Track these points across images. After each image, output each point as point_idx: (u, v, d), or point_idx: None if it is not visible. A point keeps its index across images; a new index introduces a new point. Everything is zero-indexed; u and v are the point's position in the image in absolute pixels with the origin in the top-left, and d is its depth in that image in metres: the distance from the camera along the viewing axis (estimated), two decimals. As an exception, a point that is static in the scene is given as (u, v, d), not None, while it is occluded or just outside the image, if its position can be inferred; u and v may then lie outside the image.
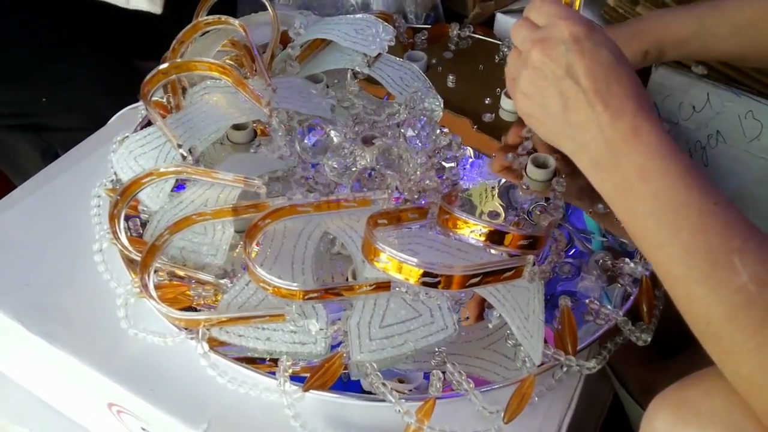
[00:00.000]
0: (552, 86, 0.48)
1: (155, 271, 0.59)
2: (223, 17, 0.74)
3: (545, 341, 0.56)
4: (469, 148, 0.77)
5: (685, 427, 0.41)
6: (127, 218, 0.64)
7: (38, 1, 0.92)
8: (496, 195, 0.74)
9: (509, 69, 0.55)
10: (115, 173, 0.69)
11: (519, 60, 0.52)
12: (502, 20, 0.97)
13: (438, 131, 0.73)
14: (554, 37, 0.48)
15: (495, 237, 0.56)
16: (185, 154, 0.66)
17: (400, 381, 0.56)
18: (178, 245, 0.61)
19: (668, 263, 0.42)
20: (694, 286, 0.40)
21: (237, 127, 0.73)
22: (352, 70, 0.78)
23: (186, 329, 0.56)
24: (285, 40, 0.83)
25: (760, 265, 0.39)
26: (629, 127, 0.45)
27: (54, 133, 0.92)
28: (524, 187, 0.73)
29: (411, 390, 0.56)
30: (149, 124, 0.71)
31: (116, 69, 0.96)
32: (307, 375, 0.54)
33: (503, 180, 0.74)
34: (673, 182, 0.42)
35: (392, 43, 0.78)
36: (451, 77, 0.87)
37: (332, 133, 0.68)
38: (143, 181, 0.64)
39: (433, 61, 0.90)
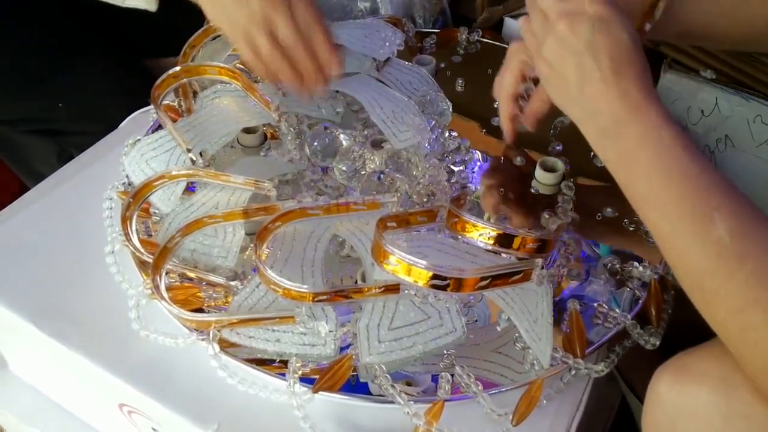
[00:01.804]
0: (573, 58, 0.52)
1: (166, 273, 0.60)
2: (234, 22, 0.75)
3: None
4: (477, 151, 0.78)
5: (682, 385, 0.46)
6: (138, 220, 0.65)
7: (46, 9, 0.93)
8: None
9: (534, 29, 0.57)
10: (127, 176, 0.69)
11: (545, 25, 0.55)
12: (511, 24, 0.97)
13: (447, 135, 0.73)
14: (581, 12, 0.52)
15: (504, 240, 0.56)
16: (194, 159, 0.67)
17: (408, 384, 0.57)
18: (190, 247, 0.61)
19: (660, 222, 0.47)
20: (680, 240, 0.46)
21: (247, 131, 0.73)
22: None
23: (197, 330, 0.57)
24: (295, 45, 0.83)
25: (736, 220, 0.44)
26: (634, 102, 0.50)
27: (70, 137, 0.92)
28: (532, 191, 0.73)
29: (419, 393, 0.56)
30: (161, 127, 0.71)
31: (127, 70, 0.97)
32: (317, 377, 0.54)
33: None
34: (666, 150, 0.48)
35: (401, 48, 0.78)
36: (459, 81, 0.87)
37: (341, 137, 0.68)
38: (155, 183, 0.64)
39: (442, 65, 0.90)
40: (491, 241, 0.56)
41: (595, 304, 0.61)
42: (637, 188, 0.49)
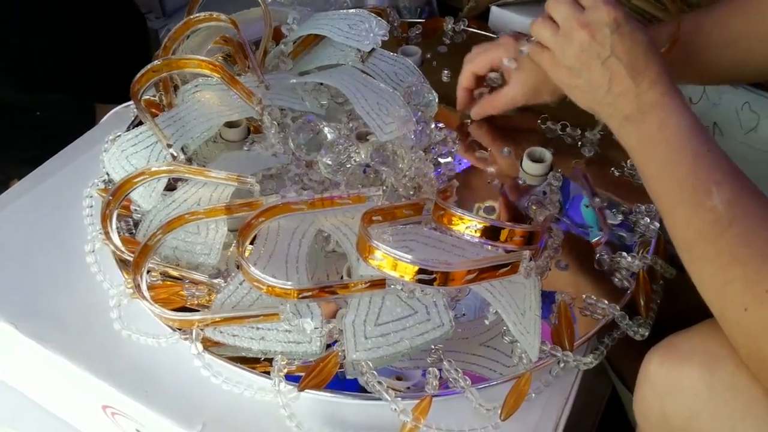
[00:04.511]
0: (599, 63, 0.57)
1: (148, 271, 0.58)
2: (214, 14, 0.73)
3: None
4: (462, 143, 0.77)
5: (670, 363, 0.49)
6: (119, 218, 0.64)
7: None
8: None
9: (548, 42, 0.61)
10: (107, 173, 0.68)
11: (559, 36, 0.60)
12: (497, 14, 0.96)
13: (433, 126, 0.72)
14: (599, 20, 0.57)
15: (490, 233, 0.55)
16: (175, 154, 0.66)
17: (398, 378, 0.56)
18: (171, 245, 0.60)
19: (666, 194, 0.53)
20: (681, 208, 0.51)
21: (230, 125, 0.72)
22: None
23: (180, 330, 0.56)
24: (278, 36, 0.82)
25: (732, 193, 0.49)
26: (659, 93, 0.55)
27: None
28: (520, 182, 0.72)
29: (409, 387, 0.55)
30: (141, 122, 0.70)
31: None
32: (303, 374, 0.53)
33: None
34: (681, 132, 0.53)
35: (386, 38, 0.77)
36: (445, 72, 0.86)
37: (326, 130, 0.67)
38: (135, 180, 0.63)
39: (428, 55, 0.89)
40: (478, 234, 0.55)
41: (584, 296, 0.61)
42: (652, 167, 0.55)
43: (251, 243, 0.59)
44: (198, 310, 0.58)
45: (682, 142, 0.53)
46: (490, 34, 0.91)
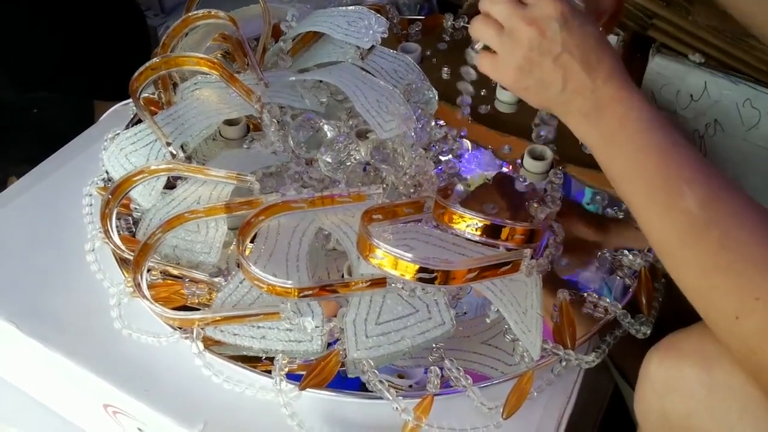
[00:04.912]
0: (550, 61, 0.54)
1: (148, 270, 0.58)
2: (213, 11, 0.73)
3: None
4: (465, 140, 0.77)
5: (669, 362, 0.49)
6: (119, 216, 0.63)
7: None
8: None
9: (492, 43, 0.58)
10: (107, 171, 0.68)
11: (504, 36, 0.56)
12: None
13: (433, 124, 0.72)
14: (546, 15, 0.54)
15: (491, 231, 0.55)
16: (174, 152, 0.65)
17: (400, 376, 0.56)
18: (171, 243, 0.60)
19: (635, 194, 0.50)
20: (653, 211, 0.49)
21: (230, 123, 0.72)
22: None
23: (180, 329, 0.55)
24: (277, 34, 0.82)
25: (705, 192, 0.46)
26: (616, 87, 0.52)
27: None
28: (521, 180, 0.72)
29: (411, 385, 0.55)
30: (140, 120, 0.70)
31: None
32: (304, 373, 0.53)
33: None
34: (644, 128, 0.50)
35: (385, 35, 0.77)
36: (445, 69, 0.86)
37: (326, 128, 0.67)
38: (134, 179, 0.63)
39: (428, 52, 0.89)
40: (479, 232, 0.55)
41: (585, 294, 0.61)
42: (616, 165, 0.52)
43: (251, 241, 0.59)
44: (198, 309, 0.58)
45: (646, 137, 0.50)
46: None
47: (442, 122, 0.74)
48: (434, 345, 0.55)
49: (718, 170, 0.48)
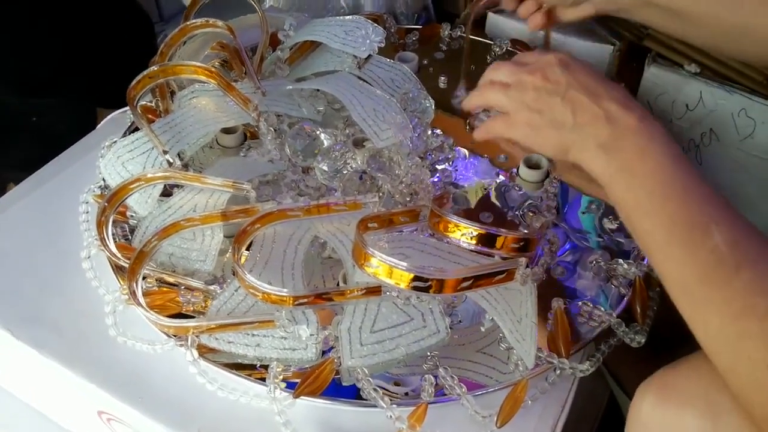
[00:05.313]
0: (558, 100, 0.55)
1: (144, 278, 0.58)
2: (211, 20, 0.73)
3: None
4: (462, 148, 0.77)
5: (666, 406, 0.46)
6: (115, 224, 0.64)
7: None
8: (491, 195, 0.73)
9: (500, 104, 0.59)
10: (103, 179, 0.68)
11: (512, 90, 0.58)
12: (494, 20, 0.96)
13: (429, 133, 0.72)
14: (547, 63, 0.57)
15: (486, 240, 0.55)
16: (171, 160, 0.66)
17: (397, 384, 0.56)
18: (167, 251, 0.60)
19: (654, 230, 0.48)
20: (674, 248, 0.46)
21: (226, 131, 0.72)
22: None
23: (175, 336, 0.55)
24: (275, 43, 0.82)
25: (732, 232, 0.44)
26: (636, 117, 0.52)
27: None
28: (516, 188, 0.72)
29: (407, 393, 0.55)
30: (138, 129, 0.70)
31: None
32: (298, 381, 0.53)
33: (498, 180, 0.74)
34: (666, 162, 0.49)
35: (382, 45, 0.77)
36: (442, 78, 0.86)
37: (322, 136, 0.67)
38: (131, 186, 0.63)
39: (425, 62, 0.89)
40: (474, 241, 0.55)
41: (580, 303, 0.61)
42: (634, 199, 0.49)
43: (247, 249, 0.59)
44: (193, 317, 0.58)
45: (669, 171, 0.48)
46: (487, 41, 0.92)
47: (438, 131, 0.75)
48: (429, 353, 0.55)
49: (738, 212, 0.46)
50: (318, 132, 0.67)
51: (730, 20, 0.61)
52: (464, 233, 0.55)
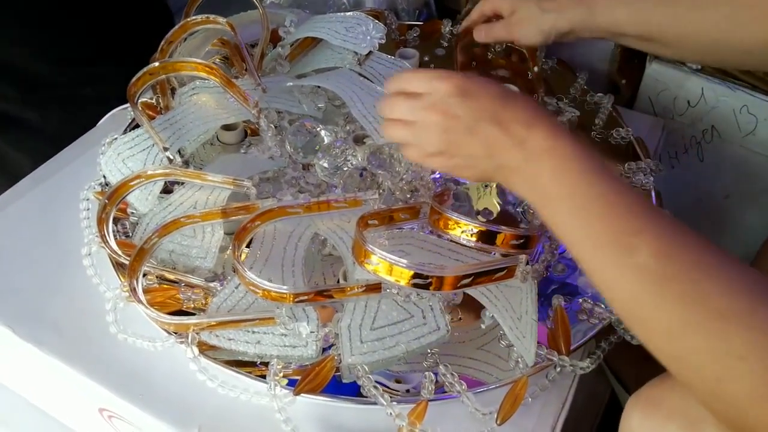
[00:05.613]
0: (467, 136, 0.52)
1: (144, 275, 0.58)
2: (212, 16, 0.73)
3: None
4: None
5: (651, 421, 0.46)
6: (116, 221, 0.64)
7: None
8: (493, 192, 0.73)
9: (403, 140, 0.56)
10: (104, 176, 0.68)
11: (415, 129, 0.54)
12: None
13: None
14: (441, 96, 0.52)
15: (486, 237, 0.55)
16: (171, 157, 0.66)
17: (398, 381, 0.56)
18: (168, 248, 0.60)
19: (581, 250, 0.46)
20: (605, 271, 0.44)
21: (227, 128, 0.72)
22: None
23: (175, 333, 0.55)
24: (275, 39, 0.82)
25: (659, 242, 0.42)
26: (543, 136, 0.49)
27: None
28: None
29: (407, 390, 0.55)
30: (138, 125, 0.70)
31: None
32: (298, 378, 0.53)
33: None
34: (582, 181, 0.46)
35: (383, 41, 0.77)
36: (443, 74, 0.86)
37: (323, 133, 0.67)
38: (131, 183, 0.63)
39: (426, 58, 0.89)
40: (474, 238, 0.55)
41: (580, 300, 0.61)
42: (558, 224, 0.48)
43: (247, 246, 0.59)
44: (194, 314, 0.58)
45: (584, 189, 0.46)
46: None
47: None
48: (429, 350, 0.55)
49: (668, 215, 0.44)
50: (318, 129, 0.67)
51: (702, 39, 0.61)
52: (464, 230, 0.55)
